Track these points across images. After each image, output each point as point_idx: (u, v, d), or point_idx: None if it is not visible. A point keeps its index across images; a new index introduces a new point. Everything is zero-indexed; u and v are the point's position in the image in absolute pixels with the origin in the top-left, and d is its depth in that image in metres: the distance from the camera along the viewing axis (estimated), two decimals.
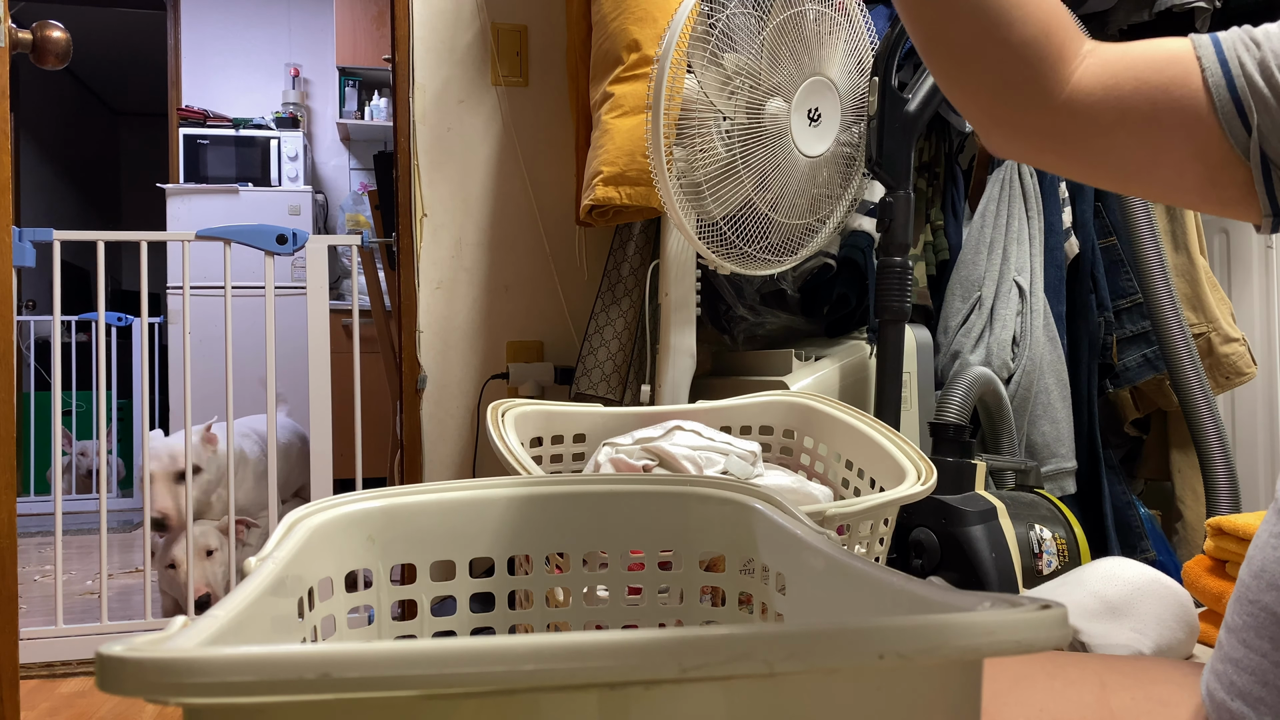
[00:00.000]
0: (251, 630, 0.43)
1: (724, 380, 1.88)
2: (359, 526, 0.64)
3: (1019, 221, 1.84)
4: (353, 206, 4.51)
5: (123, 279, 6.11)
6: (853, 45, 1.50)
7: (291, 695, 0.28)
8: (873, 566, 0.48)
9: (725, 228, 1.44)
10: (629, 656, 0.27)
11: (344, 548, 0.63)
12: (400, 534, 0.66)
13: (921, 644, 0.30)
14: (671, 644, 0.28)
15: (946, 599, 0.39)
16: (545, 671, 0.27)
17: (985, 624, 0.31)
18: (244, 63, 4.70)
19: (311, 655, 0.28)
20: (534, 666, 0.27)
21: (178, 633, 0.36)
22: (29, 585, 2.76)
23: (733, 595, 0.69)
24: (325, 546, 0.61)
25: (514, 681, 0.27)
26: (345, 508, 0.64)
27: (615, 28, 1.65)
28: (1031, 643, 0.31)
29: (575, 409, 1.25)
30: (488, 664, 0.28)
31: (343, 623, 0.64)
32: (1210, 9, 1.97)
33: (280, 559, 0.52)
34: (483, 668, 0.28)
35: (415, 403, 2.15)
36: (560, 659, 0.28)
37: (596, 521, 0.69)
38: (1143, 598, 1.00)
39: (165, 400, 4.20)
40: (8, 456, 1.33)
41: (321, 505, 0.63)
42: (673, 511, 0.69)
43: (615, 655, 0.28)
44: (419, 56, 2.14)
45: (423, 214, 2.15)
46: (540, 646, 0.28)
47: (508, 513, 0.68)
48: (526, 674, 0.27)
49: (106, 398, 2.30)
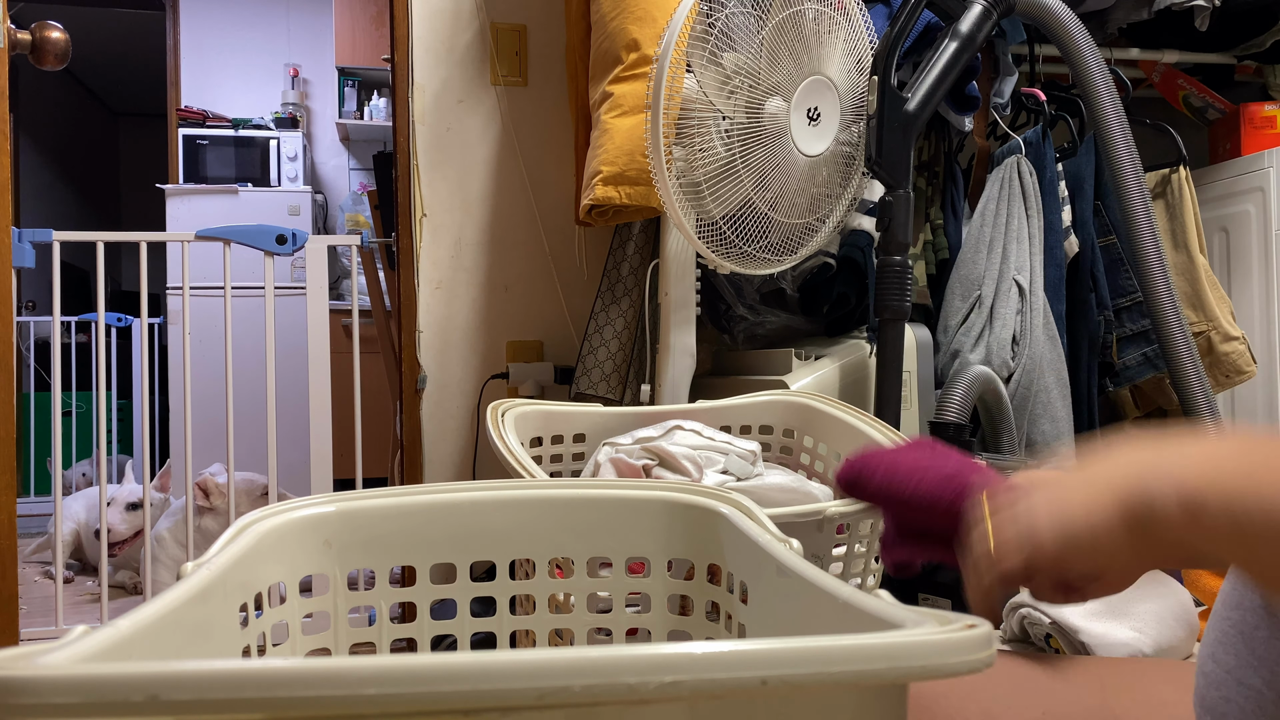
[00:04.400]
0: (164, 641, 0.40)
1: (724, 380, 1.88)
2: (315, 531, 0.63)
3: (1019, 220, 1.84)
4: (352, 206, 4.51)
5: (122, 279, 6.11)
6: (852, 44, 1.50)
7: (120, 719, 0.26)
8: (825, 577, 0.46)
9: (725, 227, 1.44)
10: (485, 680, 0.25)
11: (298, 552, 0.61)
12: (359, 539, 0.64)
13: (809, 669, 0.27)
14: (533, 668, 0.25)
15: (885, 615, 0.36)
16: (389, 697, 0.25)
17: (893, 647, 0.28)
18: (243, 63, 4.69)
19: (139, 676, 0.26)
20: (376, 691, 0.25)
21: (70, 642, 0.34)
22: (29, 585, 2.76)
23: (700, 603, 0.67)
24: (278, 551, 0.59)
25: (356, 707, 0.25)
26: (299, 512, 0.62)
27: (614, 27, 1.64)
28: (946, 668, 0.28)
29: (575, 409, 1.25)
30: (328, 687, 0.25)
31: (296, 629, 0.62)
32: (1210, 8, 1.97)
33: (218, 564, 0.50)
34: (322, 691, 0.25)
35: (415, 403, 2.15)
36: (408, 683, 0.25)
37: (560, 527, 0.67)
38: (1143, 597, 1.00)
39: (165, 400, 4.19)
40: (8, 457, 1.33)
41: (275, 509, 0.61)
42: (642, 516, 0.68)
43: (470, 679, 0.25)
44: (418, 56, 2.14)
45: (422, 214, 2.15)
46: (390, 669, 0.25)
47: (468, 517, 0.66)
48: (368, 698, 0.25)
49: (106, 398, 2.30)
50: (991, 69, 2.02)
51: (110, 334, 3.02)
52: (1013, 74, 2.00)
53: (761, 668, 0.26)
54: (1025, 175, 1.87)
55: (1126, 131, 1.62)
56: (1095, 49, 1.61)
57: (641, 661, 0.25)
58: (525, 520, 0.67)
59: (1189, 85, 2.29)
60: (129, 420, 4.63)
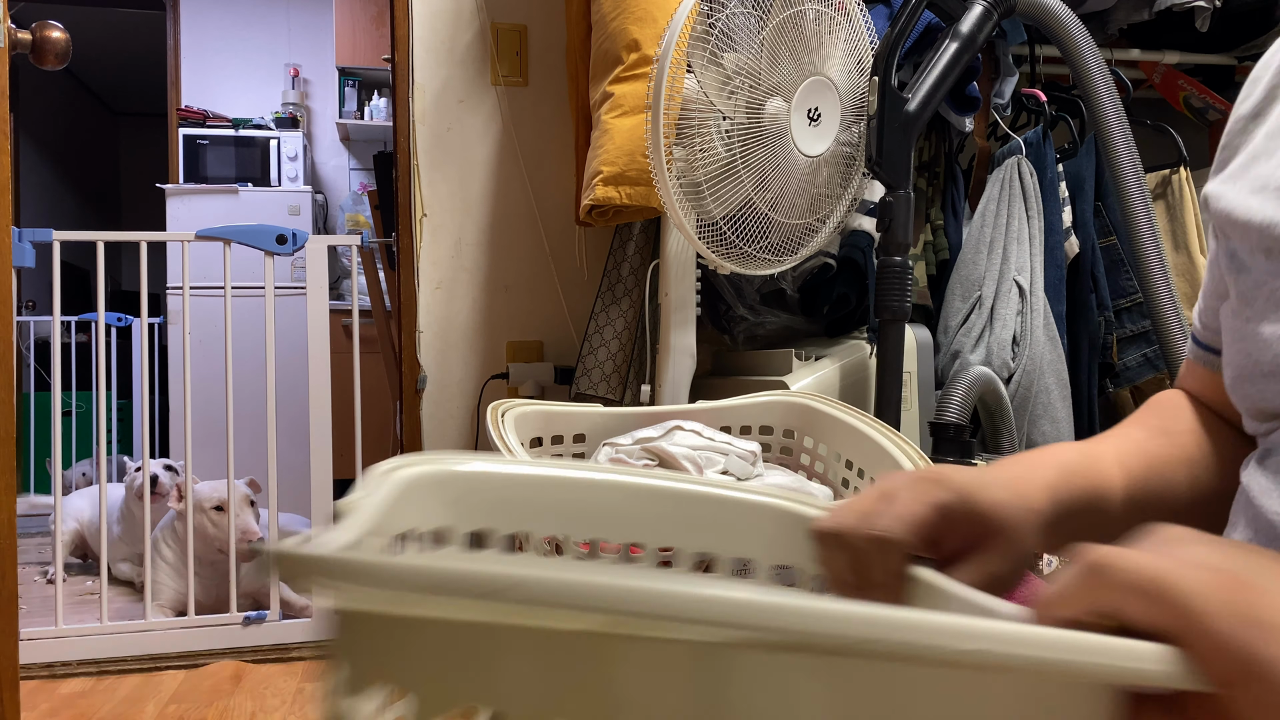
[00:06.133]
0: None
1: (724, 380, 1.88)
2: (444, 487, 0.64)
3: (1019, 221, 1.84)
4: (352, 206, 4.50)
5: (122, 279, 6.11)
6: (852, 45, 1.50)
7: (469, 600, 0.27)
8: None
9: (725, 227, 1.44)
10: (818, 621, 0.26)
11: (429, 503, 0.62)
12: (481, 500, 0.65)
13: (1087, 660, 0.27)
14: (861, 616, 0.26)
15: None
16: (753, 630, 0.26)
17: (1140, 651, 0.28)
18: (244, 63, 4.69)
19: (497, 571, 0.27)
20: (740, 619, 0.26)
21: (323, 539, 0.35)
22: (29, 585, 2.76)
23: None
24: (411, 499, 0.60)
25: (711, 635, 0.26)
26: (432, 466, 0.63)
27: (615, 27, 1.64)
28: (1164, 676, 0.29)
29: (575, 409, 1.25)
30: (685, 607, 0.26)
31: None
32: (1210, 9, 1.97)
33: (369, 506, 0.51)
34: (676, 610, 0.26)
35: (415, 403, 2.15)
36: (737, 610, 0.26)
37: (671, 518, 0.68)
38: None
39: (165, 400, 4.19)
40: (8, 457, 1.33)
41: (409, 461, 0.63)
42: (752, 520, 0.67)
43: (801, 617, 0.26)
44: (419, 56, 2.14)
45: (422, 214, 2.15)
46: (750, 602, 0.26)
47: (584, 493, 0.67)
48: (722, 630, 0.26)
49: (106, 398, 2.30)
50: (992, 70, 2.02)
51: (110, 334, 3.02)
52: (1013, 75, 2.00)
53: (1058, 650, 0.27)
54: (1026, 176, 1.87)
55: (1127, 132, 1.62)
56: (1096, 50, 1.61)
57: (953, 628, 0.26)
58: (638, 507, 0.68)
59: (1189, 86, 2.29)
60: (129, 420, 4.63)
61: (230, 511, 2.21)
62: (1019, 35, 2.03)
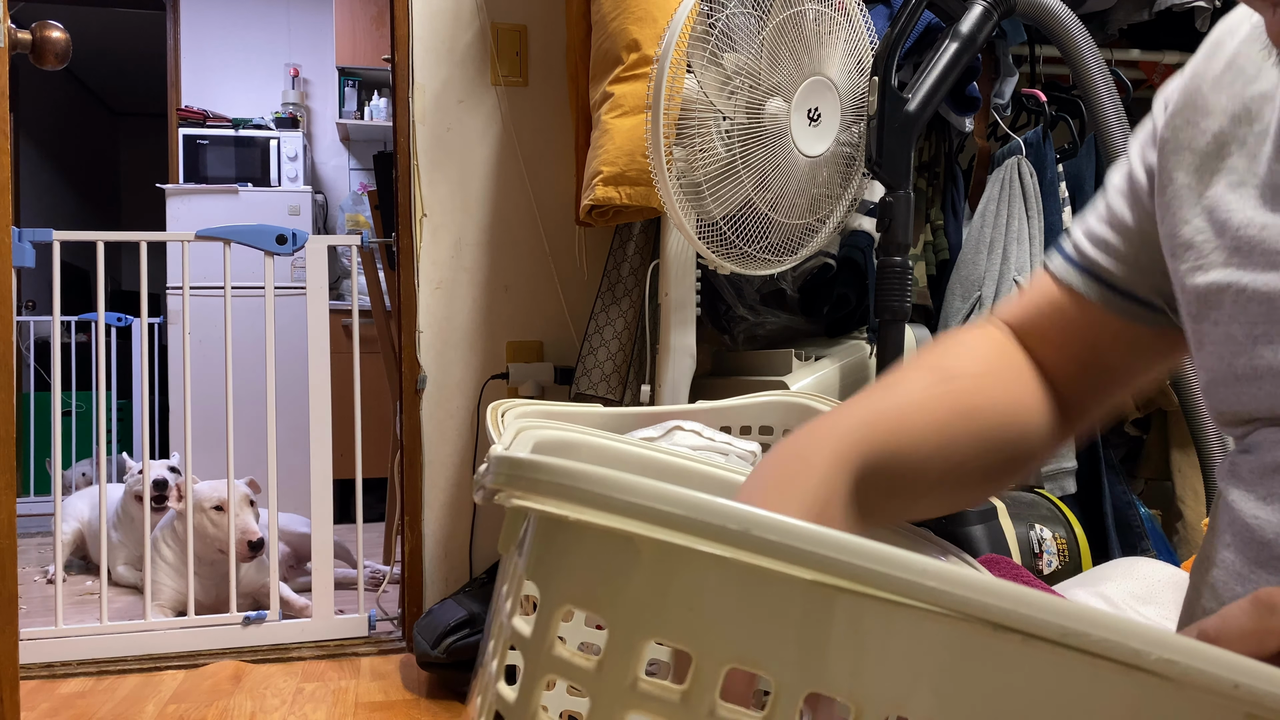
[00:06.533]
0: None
1: (724, 380, 1.88)
2: (570, 452, 0.64)
3: (1019, 221, 1.84)
4: (352, 206, 4.51)
5: (122, 279, 6.11)
6: (852, 45, 1.50)
7: (708, 542, 0.27)
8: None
9: (725, 228, 1.44)
10: (1017, 604, 0.26)
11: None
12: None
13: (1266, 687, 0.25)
14: (1059, 607, 0.26)
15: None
16: (942, 593, 0.26)
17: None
18: (244, 63, 4.69)
19: (735, 508, 0.27)
20: (935, 584, 0.26)
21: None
22: (29, 585, 2.76)
23: None
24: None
25: (909, 591, 0.26)
26: (564, 433, 0.65)
27: (615, 28, 1.64)
28: None
29: (575, 409, 1.25)
30: (899, 570, 0.26)
31: None
32: (1210, 9, 1.97)
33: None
34: (891, 571, 0.26)
35: (415, 403, 2.15)
36: (959, 586, 0.26)
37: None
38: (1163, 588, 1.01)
39: (165, 400, 4.19)
40: (8, 457, 1.33)
41: (541, 422, 0.64)
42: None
43: (1003, 599, 0.26)
44: (419, 56, 2.14)
45: (422, 214, 2.15)
46: (944, 571, 0.26)
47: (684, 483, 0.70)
48: (927, 590, 0.26)
49: (106, 398, 2.30)
50: (992, 70, 2.02)
51: (110, 334, 3.02)
52: (1013, 75, 2.00)
53: (1240, 675, 0.26)
54: (1026, 176, 1.87)
55: (1127, 132, 1.62)
56: (1096, 50, 1.61)
57: (1148, 635, 0.26)
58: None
59: None
60: (129, 420, 4.63)
61: (230, 511, 2.21)
62: (1019, 35, 2.02)
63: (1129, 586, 1.01)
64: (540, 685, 0.31)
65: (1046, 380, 0.65)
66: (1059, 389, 0.65)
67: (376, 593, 2.49)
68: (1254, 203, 0.52)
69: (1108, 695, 0.26)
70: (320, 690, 1.89)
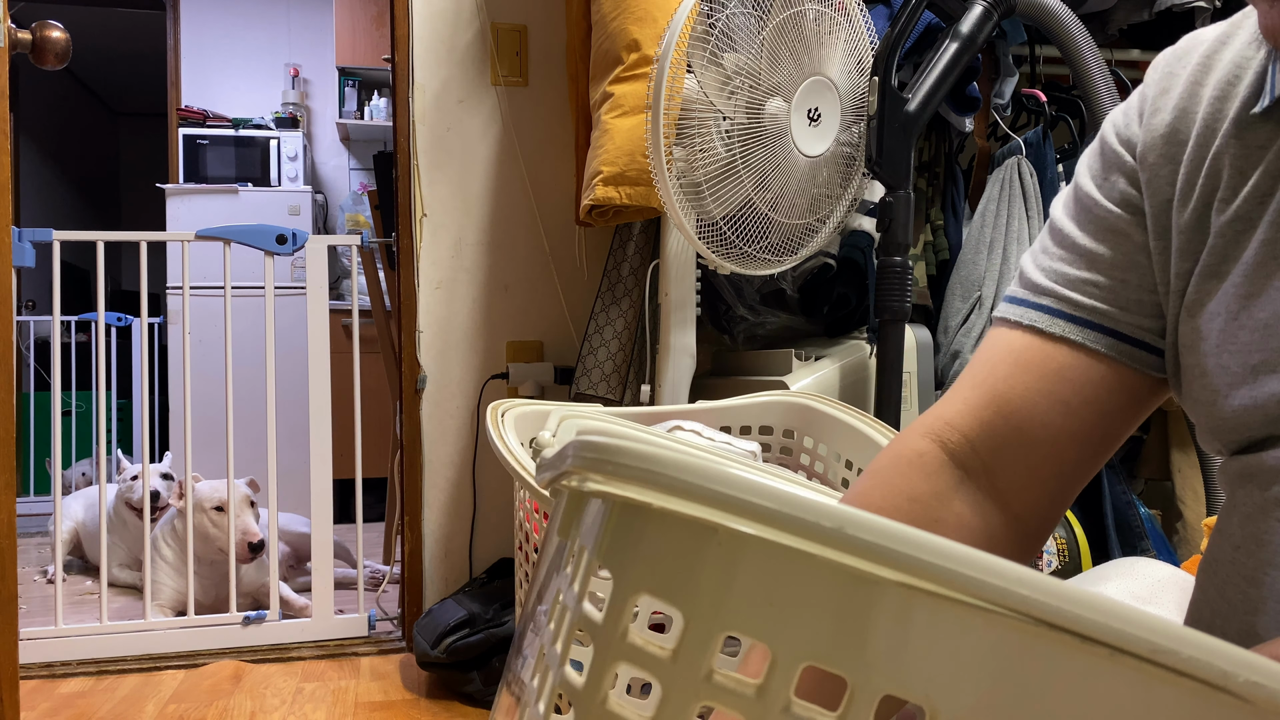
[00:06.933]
0: None
1: (724, 380, 1.88)
2: None
3: (1019, 221, 1.84)
4: (352, 206, 4.50)
5: (122, 279, 6.11)
6: (853, 45, 1.50)
7: (802, 539, 0.26)
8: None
9: (725, 228, 1.44)
10: (1113, 619, 0.25)
11: None
12: None
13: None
14: (1151, 623, 0.26)
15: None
16: (1035, 602, 0.25)
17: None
18: (244, 63, 4.69)
19: (829, 506, 0.27)
20: (1028, 592, 0.25)
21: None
22: (28, 585, 2.76)
23: None
24: None
25: (999, 597, 0.25)
26: (598, 423, 0.64)
27: (615, 28, 1.64)
28: None
29: (576, 409, 1.25)
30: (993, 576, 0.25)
31: None
32: (1210, 9, 1.97)
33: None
34: (986, 577, 0.25)
35: (415, 403, 2.15)
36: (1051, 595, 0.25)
37: None
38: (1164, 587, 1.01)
39: (165, 400, 4.19)
40: (7, 457, 1.33)
41: (581, 414, 0.64)
42: None
43: (1096, 612, 0.25)
44: (419, 56, 2.14)
45: (423, 214, 2.15)
46: (1039, 581, 0.25)
47: None
48: (1019, 597, 0.25)
49: (106, 398, 2.30)
50: (992, 70, 2.02)
51: (110, 334, 3.02)
52: (1013, 75, 2.00)
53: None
54: (1026, 176, 1.87)
55: None
56: (1096, 50, 1.61)
57: (1235, 658, 0.26)
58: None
59: None
60: (129, 420, 4.63)
61: (230, 511, 2.21)
62: (1019, 35, 2.03)
63: (1129, 586, 1.01)
64: (610, 671, 0.30)
65: (990, 512, 0.58)
66: (1013, 509, 0.59)
67: (376, 593, 2.49)
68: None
69: (1179, 711, 0.26)
70: (320, 690, 1.89)
